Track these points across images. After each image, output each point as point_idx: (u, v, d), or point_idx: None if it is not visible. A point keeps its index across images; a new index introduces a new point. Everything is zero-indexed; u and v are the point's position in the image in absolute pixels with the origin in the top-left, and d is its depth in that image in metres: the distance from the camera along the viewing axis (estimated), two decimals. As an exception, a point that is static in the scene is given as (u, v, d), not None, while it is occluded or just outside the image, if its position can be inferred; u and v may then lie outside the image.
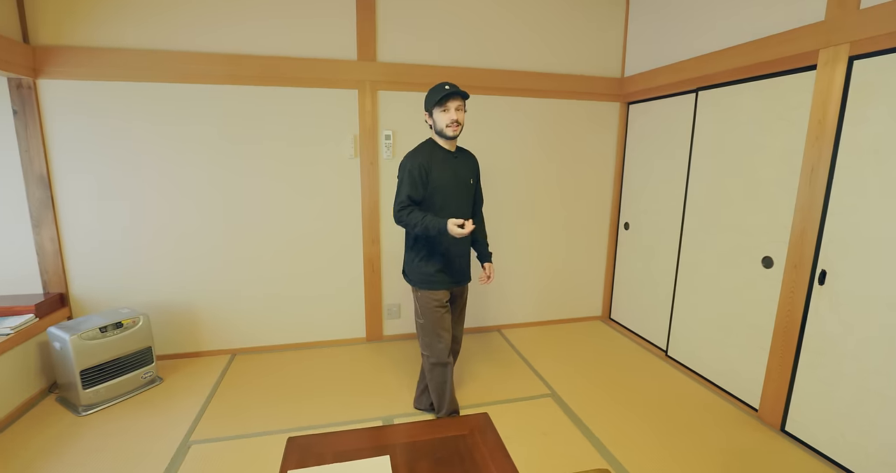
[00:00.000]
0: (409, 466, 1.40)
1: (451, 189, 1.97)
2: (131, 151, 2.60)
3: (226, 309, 2.89)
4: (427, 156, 1.94)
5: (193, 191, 2.72)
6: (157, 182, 2.66)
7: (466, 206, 2.07)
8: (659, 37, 2.92)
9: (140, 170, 2.63)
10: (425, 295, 2.02)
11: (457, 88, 1.85)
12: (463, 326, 2.25)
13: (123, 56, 2.48)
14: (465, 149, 2.14)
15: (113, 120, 2.55)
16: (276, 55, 2.67)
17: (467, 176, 2.05)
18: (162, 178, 2.66)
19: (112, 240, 2.65)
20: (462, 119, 1.91)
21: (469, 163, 2.09)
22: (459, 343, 2.26)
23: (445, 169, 1.96)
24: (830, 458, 1.93)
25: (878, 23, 1.70)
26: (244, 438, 2.08)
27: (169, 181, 2.68)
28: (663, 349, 2.97)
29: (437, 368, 2.08)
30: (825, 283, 1.94)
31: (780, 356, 2.14)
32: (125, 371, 2.42)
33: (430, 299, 2.02)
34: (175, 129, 2.63)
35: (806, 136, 1.99)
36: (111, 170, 2.59)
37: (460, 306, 2.19)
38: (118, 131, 2.56)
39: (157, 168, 2.65)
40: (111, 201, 2.62)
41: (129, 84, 2.53)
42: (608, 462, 1.93)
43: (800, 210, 2.03)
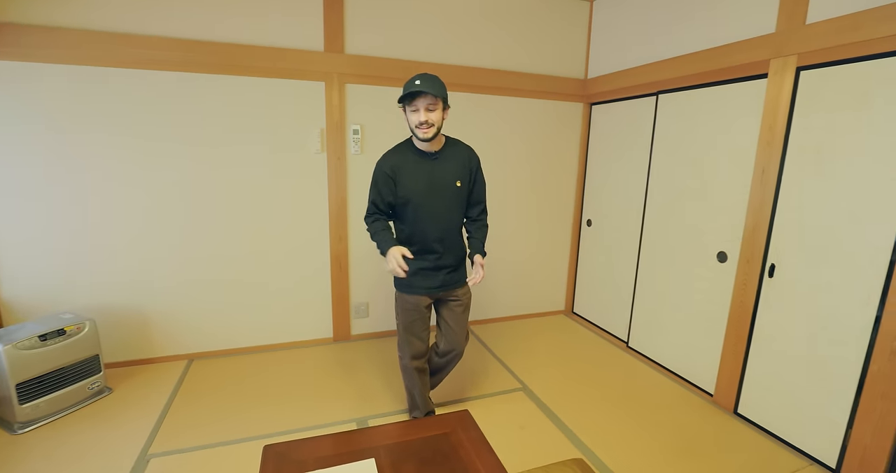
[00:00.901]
0: (395, 468, 1.38)
1: (424, 198, 1.79)
2: (69, 142, 2.37)
3: (181, 312, 2.72)
4: (399, 159, 1.81)
5: (143, 186, 2.52)
6: (102, 176, 2.45)
7: (451, 213, 1.86)
8: (621, 41, 3.03)
9: (80, 163, 2.40)
10: (401, 296, 1.96)
11: (428, 85, 1.64)
12: (460, 333, 2.02)
13: (59, 36, 2.25)
14: (458, 145, 1.91)
15: (48, 107, 2.31)
16: (235, 42, 2.53)
17: (450, 178, 1.82)
18: (106, 172, 2.45)
19: (48, 239, 2.41)
20: (434, 119, 1.69)
21: (456, 163, 1.85)
22: (455, 347, 2.04)
23: (419, 174, 1.79)
24: (779, 436, 2.10)
25: (823, 37, 1.85)
26: (209, 448, 1.96)
27: (115, 175, 2.47)
28: (624, 341, 3.11)
29: (405, 371, 2.04)
30: (774, 276, 2.10)
31: (733, 344, 2.30)
32: (69, 382, 2.22)
33: (404, 301, 1.95)
34: (120, 119, 2.43)
35: (757, 140, 2.14)
36: (45, 162, 2.35)
37: (458, 312, 1.99)
38: (53, 119, 2.33)
39: (99, 161, 2.43)
40: (47, 196, 2.38)
41: (69, 67, 2.31)
42: (581, 451, 2.00)
43: (752, 208, 2.18)
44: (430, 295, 1.94)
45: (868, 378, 1.76)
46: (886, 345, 1.70)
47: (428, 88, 1.64)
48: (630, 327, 3.05)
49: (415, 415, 2.13)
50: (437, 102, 1.69)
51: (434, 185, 1.81)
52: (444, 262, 1.90)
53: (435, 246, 1.87)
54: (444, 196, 1.83)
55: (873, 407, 1.75)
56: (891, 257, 1.69)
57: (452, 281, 1.95)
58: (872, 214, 1.74)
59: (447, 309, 2.00)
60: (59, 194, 2.39)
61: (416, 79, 1.67)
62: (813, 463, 1.95)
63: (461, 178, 1.85)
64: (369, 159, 2.91)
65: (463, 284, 2.00)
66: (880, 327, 1.72)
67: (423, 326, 1.98)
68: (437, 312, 2.06)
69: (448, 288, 1.95)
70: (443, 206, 1.84)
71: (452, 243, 1.91)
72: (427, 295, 1.93)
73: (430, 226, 1.84)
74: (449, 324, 2.01)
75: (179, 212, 2.61)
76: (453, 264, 1.93)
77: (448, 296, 1.97)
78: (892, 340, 1.68)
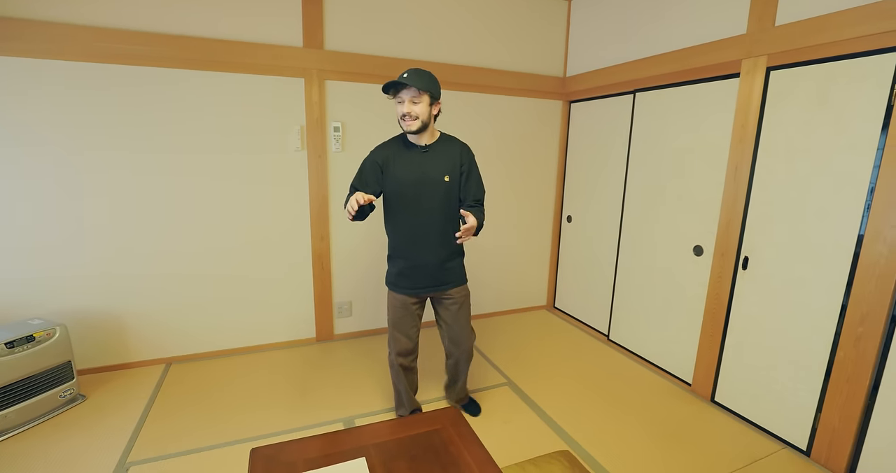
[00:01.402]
0: (386, 466, 1.38)
1: (409, 188, 1.80)
2: (38, 140, 2.26)
3: (158, 314, 2.64)
4: (390, 150, 1.84)
5: (115, 185, 2.43)
6: (68, 173, 2.35)
7: (436, 208, 1.83)
8: (599, 40, 3.08)
9: (44, 160, 2.30)
10: (389, 293, 1.98)
11: (413, 79, 1.66)
12: (461, 331, 2.01)
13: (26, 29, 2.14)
14: (452, 141, 1.90)
15: (9, 103, 2.20)
16: (212, 37, 2.46)
17: (439, 172, 1.82)
18: (73, 169, 2.35)
19: (14, 243, 2.30)
20: (418, 112, 1.70)
21: (446, 158, 1.84)
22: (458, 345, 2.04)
23: (408, 166, 1.80)
24: (754, 422, 2.19)
25: (791, 38, 1.93)
26: (192, 453, 1.92)
27: (83, 172, 2.37)
28: (605, 334, 3.18)
29: (392, 368, 2.04)
30: (748, 268, 2.18)
31: (709, 335, 2.38)
32: (39, 390, 2.13)
33: (392, 298, 1.97)
34: (90, 117, 2.33)
35: (731, 138, 2.22)
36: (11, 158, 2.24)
37: (453, 311, 1.97)
38: (22, 114, 2.22)
39: (66, 158, 2.33)
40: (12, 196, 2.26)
41: (34, 61, 2.20)
42: (566, 442, 2.04)
43: (726, 203, 2.25)
44: (415, 294, 1.93)
45: (835, 364, 1.85)
46: (851, 332, 1.79)
47: (411, 81, 1.66)
48: (610, 320, 3.12)
49: (400, 413, 2.13)
50: (422, 96, 1.70)
51: (422, 178, 1.81)
52: (428, 260, 1.88)
53: (419, 241, 1.86)
54: (430, 189, 1.82)
55: (840, 391, 1.84)
56: (854, 249, 1.78)
57: (440, 281, 1.92)
58: (837, 209, 1.82)
59: (442, 307, 2.00)
60: (20, 192, 2.28)
61: (406, 72, 1.69)
62: (786, 447, 2.04)
63: (450, 173, 1.84)
64: (350, 157, 2.88)
65: (457, 285, 1.97)
66: (846, 316, 1.81)
67: (411, 324, 1.98)
68: (434, 312, 2.05)
69: (437, 288, 1.93)
70: (428, 200, 1.82)
71: (440, 239, 1.87)
72: (412, 294, 1.93)
73: (414, 220, 1.83)
74: (447, 322, 2.01)
75: (153, 212, 2.53)
76: (440, 262, 1.90)
77: (441, 296, 1.96)
78: (857, 327, 1.77)
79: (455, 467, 1.38)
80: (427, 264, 1.88)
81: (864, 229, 1.74)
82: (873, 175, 1.71)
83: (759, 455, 1.99)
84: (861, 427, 1.80)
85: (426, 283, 1.91)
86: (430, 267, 1.89)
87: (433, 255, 1.88)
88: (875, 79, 1.70)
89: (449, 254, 1.92)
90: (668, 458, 1.95)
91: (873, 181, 1.71)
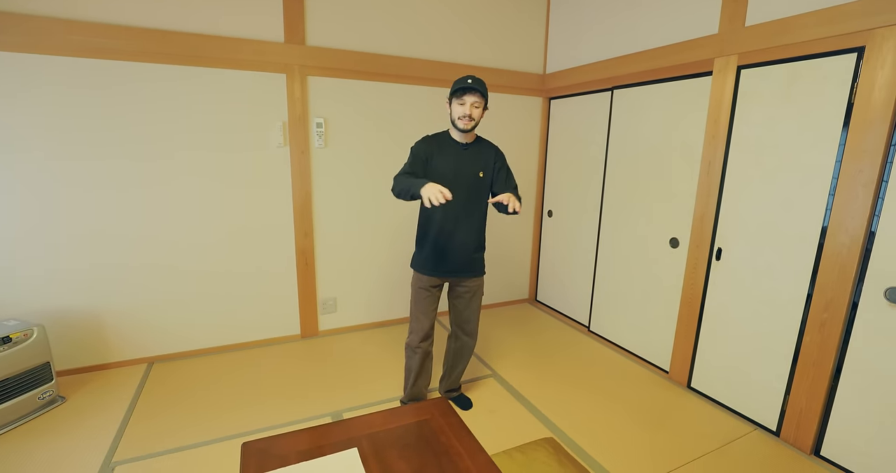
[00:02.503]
0: (378, 456, 1.41)
1: (449, 181, 1.86)
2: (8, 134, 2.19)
3: (139, 313, 2.59)
4: (436, 144, 1.99)
5: (92, 181, 2.38)
6: (46, 171, 2.28)
7: (469, 200, 1.99)
8: (577, 38, 3.15)
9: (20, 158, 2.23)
10: (414, 274, 2.09)
11: (479, 85, 1.85)
12: (471, 320, 2.15)
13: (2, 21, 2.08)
14: (487, 142, 2.10)
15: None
16: (192, 32, 2.42)
17: (475, 169, 2.00)
18: (51, 166, 2.29)
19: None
20: (476, 115, 1.90)
21: (482, 156, 2.03)
22: (468, 334, 2.17)
23: (449, 160, 1.97)
24: (727, 406, 2.30)
25: (760, 39, 2.02)
26: (179, 452, 1.91)
27: (61, 170, 2.31)
28: (586, 325, 3.27)
29: (407, 350, 2.15)
30: (721, 259, 2.28)
31: (685, 324, 2.48)
32: (17, 393, 2.08)
33: (416, 279, 2.08)
34: (66, 110, 2.27)
35: (704, 134, 2.30)
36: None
37: (466, 299, 2.10)
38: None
39: (44, 155, 2.27)
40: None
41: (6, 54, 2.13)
42: (550, 430, 2.10)
43: (700, 197, 2.35)
44: (439, 277, 2.06)
45: (802, 348, 1.96)
46: (816, 318, 1.90)
47: (478, 87, 1.85)
48: (591, 312, 3.21)
49: (402, 399, 2.25)
50: (481, 101, 1.90)
51: (460, 171, 1.98)
52: (457, 245, 2.01)
53: (450, 228, 1.99)
54: (466, 182, 1.97)
55: (807, 375, 1.95)
56: (819, 240, 1.88)
57: (464, 268, 2.06)
58: (803, 202, 1.92)
59: (455, 294, 2.13)
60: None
61: (468, 78, 1.87)
62: (757, 428, 2.15)
63: (484, 170, 2.02)
64: (334, 153, 2.88)
65: (477, 275, 2.10)
66: (811, 303, 1.92)
67: (432, 306, 2.09)
68: (448, 299, 2.18)
69: (459, 275, 2.06)
70: (463, 192, 1.95)
71: (468, 230, 2.02)
72: (437, 276, 2.05)
73: (448, 209, 1.93)
74: (459, 309, 2.14)
75: (131, 209, 2.48)
76: (467, 251, 2.03)
77: (461, 282, 2.09)
78: (821, 313, 1.88)
79: (446, 455, 1.42)
80: (456, 250, 2.02)
81: (827, 221, 1.85)
82: (835, 169, 1.81)
83: (733, 436, 2.09)
84: (825, 407, 1.91)
85: (452, 268, 2.04)
86: (458, 254, 2.02)
87: (462, 243, 2.02)
88: (836, 78, 1.80)
89: (476, 245, 2.07)
90: (648, 442, 2.04)
91: (836, 175, 1.81)
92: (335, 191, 2.95)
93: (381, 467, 1.36)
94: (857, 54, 1.73)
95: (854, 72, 1.74)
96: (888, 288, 1.69)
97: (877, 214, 1.71)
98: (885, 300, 1.70)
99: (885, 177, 1.69)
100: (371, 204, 3.08)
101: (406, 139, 3.09)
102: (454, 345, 2.23)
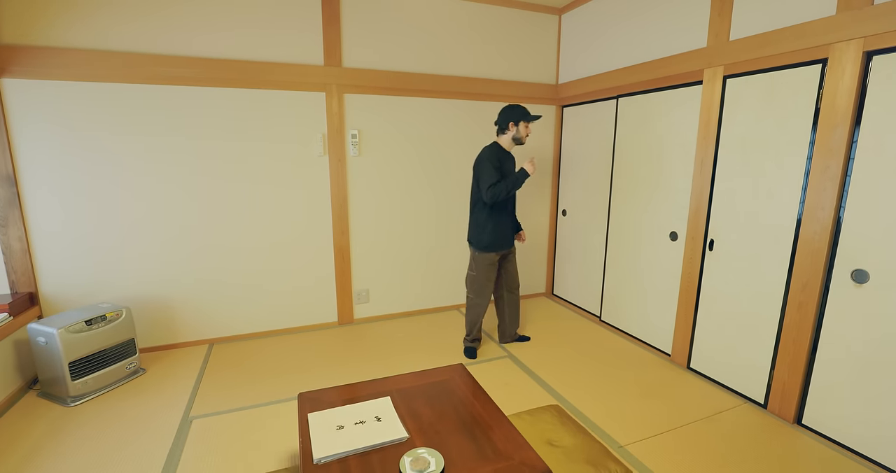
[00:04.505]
0: (406, 403, 1.74)
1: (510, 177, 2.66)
2: (100, 150, 2.67)
3: (202, 302, 3.03)
4: (497, 154, 2.68)
5: (165, 188, 2.83)
6: (129, 182, 2.75)
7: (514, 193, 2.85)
8: (586, 51, 3.43)
9: (110, 169, 2.70)
10: (483, 256, 2.78)
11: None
12: (517, 278, 3.01)
13: (93, 57, 2.55)
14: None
15: (81, 119, 2.60)
16: (245, 59, 2.85)
17: (516, 168, 2.81)
18: (134, 177, 2.75)
19: (81, 240, 2.70)
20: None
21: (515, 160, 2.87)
22: (518, 285, 3.03)
23: (510, 164, 2.75)
24: (721, 383, 2.52)
25: (742, 51, 2.27)
26: (242, 410, 2.30)
27: (141, 180, 2.77)
28: (597, 315, 3.52)
29: (477, 307, 2.86)
30: (713, 249, 2.51)
31: (684, 310, 2.71)
32: (110, 362, 2.52)
33: (485, 259, 2.78)
34: (147, 128, 2.73)
35: (697, 135, 2.55)
36: (79, 167, 2.64)
37: (512, 262, 2.94)
38: (87, 130, 2.62)
39: (127, 167, 2.73)
40: (80, 199, 2.67)
41: (99, 84, 2.61)
42: (557, 400, 2.38)
43: (694, 193, 2.59)
44: (499, 252, 2.81)
45: (784, 327, 2.18)
46: (795, 299, 2.12)
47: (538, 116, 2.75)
48: (602, 303, 3.46)
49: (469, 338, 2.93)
50: None
51: (509, 172, 2.73)
52: (508, 229, 2.82)
53: (505, 217, 2.78)
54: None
55: (788, 351, 2.17)
56: (795, 230, 2.11)
57: (511, 242, 2.86)
58: (782, 195, 2.16)
59: (506, 261, 2.92)
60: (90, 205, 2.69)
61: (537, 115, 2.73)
62: (747, 401, 2.37)
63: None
64: (367, 160, 3.26)
65: (512, 246, 2.92)
66: (790, 285, 2.14)
67: (493, 275, 2.86)
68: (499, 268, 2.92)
69: (508, 247, 2.86)
70: None
71: (511, 214, 2.84)
72: (499, 252, 2.80)
73: (505, 202, 2.78)
74: (510, 272, 2.96)
75: (196, 211, 2.92)
76: (511, 232, 2.85)
77: (507, 253, 2.90)
78: (799, 295, 2.10)
79: (462, 405, 1.74)
80: (507, 232, 2.82)
81: (801, 212, 2.07)
82: (807, 166, 2.04)
83: (723, 408, 2.32)
84: (805, 380, 2.13)
85: (506, 245, 2.83)
86: (508, 234, 2.82)
87: (509, 226, 2.83)
88: (806, 86, 2.03)
89: (514, 227, 2.93)
90: (643, 410, 2.29)
91: (808, 171, 2.04)
92: (367, 194, 3.33)
93: (409, 411, 1.69)
94: (821, 65, 1.96)
95: (820, 80, 1.97)
96: (854, 270, 1.91)
97: (842, 205, 1.94)
98: (851, 281, 1.92)
99: (848, 171, 1.91)
100: (399, 205, 3.44)
101: (430, 146, 3.45)
102: (509, 300, 2.99)
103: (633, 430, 2.13)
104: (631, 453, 1.97)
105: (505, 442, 1.50)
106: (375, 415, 1.63)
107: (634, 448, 2.00)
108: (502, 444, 1.50)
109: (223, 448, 2.01)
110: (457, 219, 3.64)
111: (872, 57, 1.82)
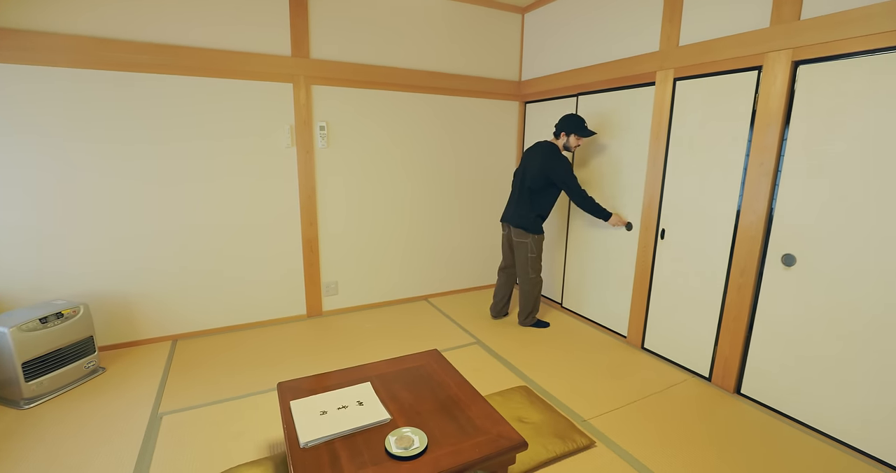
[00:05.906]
0: (386, 388, 1.81)
1: None
2: (46, 136, 2.52)
3: (164, 296, 2.94)
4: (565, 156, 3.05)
5: (120, 181, 2.72)
6: (76, 169, 2.62)
7: None
8: (548, 49, 3.58)
9: (57, 156, 2.56)
10: (540, 238, 3.11)
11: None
12: None
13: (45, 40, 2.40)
14: None
15: (25, 103, 2.45)
16: (211, 48, 2.77)
17: None
18: (83, 165, 2.62)
19: (21, 233, 2.55)
20: None
21: None
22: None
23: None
24: (671, 360, 2.76)
25: (690, 56, 2.47)
26: (217, 403, 2.28)
27: (90, 168, 2.65)
28: (559, 302, 3.71)
29: (539, 283, 3.19)
30: (664, 238, 2.73)
31: (638, 295, 2.93)
32: (67, 361, 2.41)
33: (542, 241, 3.13)
34: (101, 114, 2.60)
35: (650, 134, 2.75)
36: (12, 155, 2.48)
37: None
38: (31, 115, 2.47)
39: (77, 155, 2.60)
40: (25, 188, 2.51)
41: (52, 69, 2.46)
42: (525, 381, 2.53)
43: (647, 187, 2.80)
44: None
45: (725, 307, 2.42)
46: (735, 282, 2.36)
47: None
48: (563, 291, 3.65)
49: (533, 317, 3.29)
50: None
51: None
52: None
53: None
54: None
55: (729, 328, 2.41)
56: (735, 220, 2.34)
57: None
58: (725, 188, 2.38)
59: None
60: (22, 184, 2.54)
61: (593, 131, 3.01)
62: (694, 375, 2.61)
63: None
64: (335, 152, 3.26)
65: None
66: (731, 270, 2.38)
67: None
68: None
69: None
70: None
71: None
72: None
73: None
74: None
75: (154, 203, 2.82)
76: None
77: None
78: (738, 278, 2.34)
79: (440, 387, 1.83)
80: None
81: (740, 204, 2.31)
82: (745, 162, 2.27)
83: (674, 382, 2.54)
84: (743, 354, 2.38)
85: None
86: None
87: None
88: (744, 90, 2.25)
89: None
90: (602, 388, 2.48)
91: (746, 166, 2.27)
92: (336, 187, 3.33)
93: (388, 395, 1.76)
94: (757, 72, 2.19)
95: (756, 85, 2.20)
96: (783, 254, 2.15)
97: (774, 198, 2.18)
98: (781, 264, 2.17)
99: (779, 167, 2.15)
100: (369, 197, 3.47)
101: (399, 139, 3.49)
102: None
103: (595, 406, 2.31)
104: (594, 426, 2.14)
105: (482, 419, 1.61)
106: (357, 400, 1.69)
107: (597, 421, 2.18)
108: (480, 420, 1.60)
109: (199, 441, 2.00)
110: (427, 209, 3.71)
111: (798, 66, 2.05)
